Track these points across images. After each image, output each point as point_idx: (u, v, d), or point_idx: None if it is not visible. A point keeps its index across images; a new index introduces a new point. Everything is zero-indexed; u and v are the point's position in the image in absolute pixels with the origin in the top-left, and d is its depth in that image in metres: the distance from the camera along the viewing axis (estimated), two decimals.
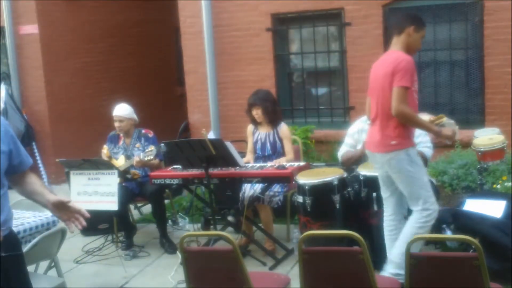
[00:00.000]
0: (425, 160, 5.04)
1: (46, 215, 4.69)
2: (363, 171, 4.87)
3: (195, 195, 5.83)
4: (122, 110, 5.98)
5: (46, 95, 8.72)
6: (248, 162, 5.55)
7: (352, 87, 7.07)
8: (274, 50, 7.39)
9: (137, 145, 6.00)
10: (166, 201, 6.18)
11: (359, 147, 5.23)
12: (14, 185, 3.03)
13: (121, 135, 6.07)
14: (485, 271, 2.83)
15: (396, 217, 4.42)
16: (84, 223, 3.04)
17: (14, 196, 3.65)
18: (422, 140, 5.04)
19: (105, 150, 6.13)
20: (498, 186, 5.30)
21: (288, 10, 7.24)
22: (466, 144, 5.97)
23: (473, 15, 6.48)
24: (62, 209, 2.98)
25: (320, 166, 5.76)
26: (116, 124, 5.99)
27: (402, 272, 3.28)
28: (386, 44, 6.81)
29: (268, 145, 5.62)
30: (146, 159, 5.68)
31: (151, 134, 6.06)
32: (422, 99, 6.80)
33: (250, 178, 5.08)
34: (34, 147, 8.75)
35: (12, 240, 2.93)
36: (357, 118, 5.57)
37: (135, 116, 6.05)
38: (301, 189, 4.83)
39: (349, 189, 4.85)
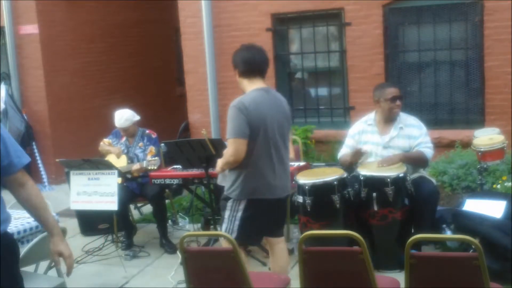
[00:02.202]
0: (425, 160, 5.04)
1: None
2: (363, 171, 4.87)
3: (195, 195, 5.83)
4: (123, 121, 5.94)
5: (46, 95, 8.71)
6: None
7: (352, 87, 7.07)
8: (274, 50, 7.39)
9: (140, 144, 6.01)
10: (166, 201, 6.19)
11: (359, 147, 5.21)
12: (8, 189, 2.95)
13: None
14: (485, 271, 2.83)
15: None
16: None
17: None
18: (423, 140, 5.03)
19: (106, 142, 6.12)
20: (498, 186, 5.30)
21: (288, 10, 7.24)
22: (466, 144, 5.97)
23: (473, 15, 6.48)
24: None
25: (320, 166, 5.75)
26: (123, 133, 6.01)
27: None
28: (386, 44, 6.83)
29: None
30: (149, 168, 5.67)
31: (154, 135, 6.08)
32: (422, 99, 6.85)
33: None
34: (34, 147, 8.75)
35: (6, 242, 2.91)
36: (357, 118, 5.57)
37: (136, 118, 6.05)
38: (301, 189, 4.82)
39: (349, 189, 4.85)
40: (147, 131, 6.11)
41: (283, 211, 4.30)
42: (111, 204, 5.21)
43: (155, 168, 5.64)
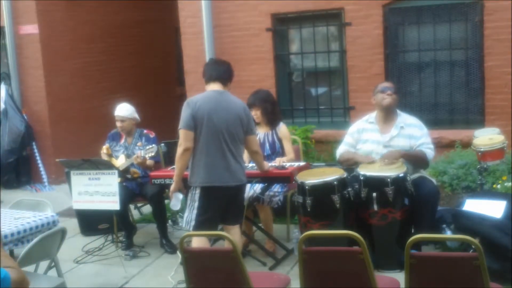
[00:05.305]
0: (426, 161, 5.04)
1: (46, 215, 4.69)
2: (363, 171, 4.87)
3: None
4: (124, 111, 5.98)
5: (46, 95, 8.71)
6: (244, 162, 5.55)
7: (352, 87, 7.07)
8: (274, 50, 7.39)
9: (139, 143, 6.01)
10: (166, 201, 6.18)
11: (358, 146, 5.22)
12: None
13: (123, 133, 6.09)
14: (485, 271, 2.83)
15: None
16: None
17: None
18: (425, 141, 5.04)
19: (105, 150, 6.13)
20: (498, 186, 5.30)
21: (288, 10, 7.24)
22: (466, 144, 5.97)
23: (473, 15, 6.48)
24: None
25: (320, 166, 5.76)
26: (118, 124, 6.00)
27: None
28: (386, 44, 6.83)
29: (267, 145, 5.62)
30: (147, 156, 5.69)
31: (152, 134, 6.07)
32: (422, 99, 6.85)
33: (250, 178, 5.06)
34: (34, 147, 8.75)
35: None
36: (357, 118, 5.57)
37: (136, 116, 6.07)
38: (301, 189, 4.83)
39: (349, 189, 4.85)
40: (145, 131, 6.11)
41: (237, 200, 4.68)
42: (113, 204, 5.22)
43: (153, 154, 5.69)
